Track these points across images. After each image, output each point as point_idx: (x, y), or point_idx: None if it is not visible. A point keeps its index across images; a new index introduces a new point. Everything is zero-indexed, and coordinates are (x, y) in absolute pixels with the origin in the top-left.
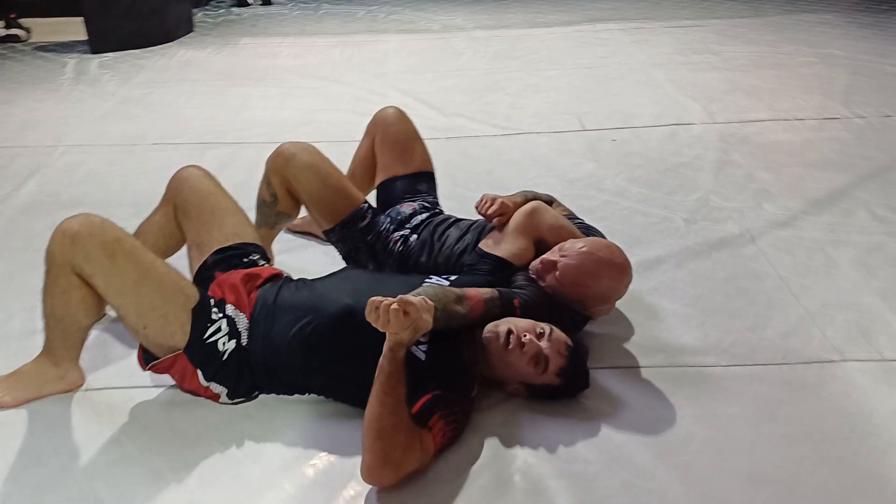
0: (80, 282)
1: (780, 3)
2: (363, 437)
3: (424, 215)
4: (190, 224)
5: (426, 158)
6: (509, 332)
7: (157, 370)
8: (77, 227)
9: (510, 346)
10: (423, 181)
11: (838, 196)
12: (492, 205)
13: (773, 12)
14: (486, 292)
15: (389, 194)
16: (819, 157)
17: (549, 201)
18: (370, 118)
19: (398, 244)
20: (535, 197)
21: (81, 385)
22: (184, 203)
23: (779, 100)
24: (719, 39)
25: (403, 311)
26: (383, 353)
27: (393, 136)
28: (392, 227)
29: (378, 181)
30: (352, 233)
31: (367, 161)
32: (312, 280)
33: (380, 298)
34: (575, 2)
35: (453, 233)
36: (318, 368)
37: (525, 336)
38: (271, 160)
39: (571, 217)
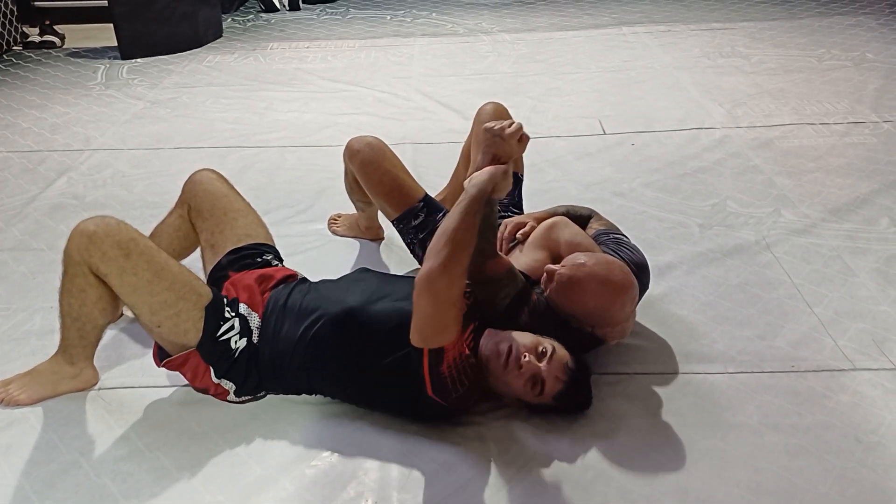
0: (96, 281)
1: (812, 6)
2: (436, 245)
3: None
4: (204, 225)
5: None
6: (509, 350)
7: (171, 367)
8: (93, 228)
9: (508, 367)
10: None
11: (860, 203)
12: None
13: (805, 14)
14: (514, 267)
15: None
16: (843, 162)
17: (588, 216)
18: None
19: None
20: (574, 212)
21: (95, 384)
22: (198, 205)
23: (806, 104)
24: (748, 42)
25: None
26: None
27: (479, 134)
28: None
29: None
30: (406, 229)
31: (467, 157)
32: (324, 282)
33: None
34: (603, 5)
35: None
36: (321, 368)
37: (525, 357)
38: (344, 153)
39: (608, 232)
